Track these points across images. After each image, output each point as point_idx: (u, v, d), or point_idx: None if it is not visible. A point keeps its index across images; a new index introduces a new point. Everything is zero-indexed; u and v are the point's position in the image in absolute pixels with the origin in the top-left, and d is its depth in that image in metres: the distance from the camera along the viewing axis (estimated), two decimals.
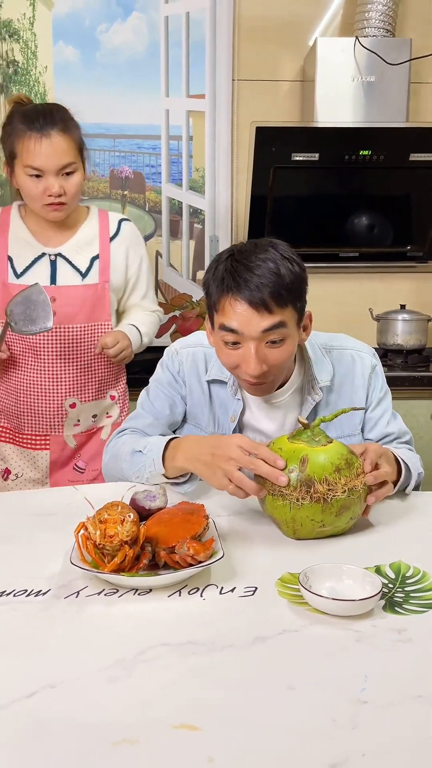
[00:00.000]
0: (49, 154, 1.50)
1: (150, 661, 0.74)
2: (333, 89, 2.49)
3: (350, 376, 1.32)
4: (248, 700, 0.67)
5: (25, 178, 1.53)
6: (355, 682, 0.70)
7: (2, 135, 1.57)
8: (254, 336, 1.12)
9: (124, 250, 1.71)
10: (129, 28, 2.64)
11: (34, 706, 0.66)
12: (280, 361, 1.16)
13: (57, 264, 1.64)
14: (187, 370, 1.34)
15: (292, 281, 1.13)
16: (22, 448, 1.72)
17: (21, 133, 1.50)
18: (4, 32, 2.61)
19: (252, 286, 1.10)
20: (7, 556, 1.00)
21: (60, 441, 1.72)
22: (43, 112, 1.51)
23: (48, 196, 1.53)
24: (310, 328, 1.25)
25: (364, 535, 1.09)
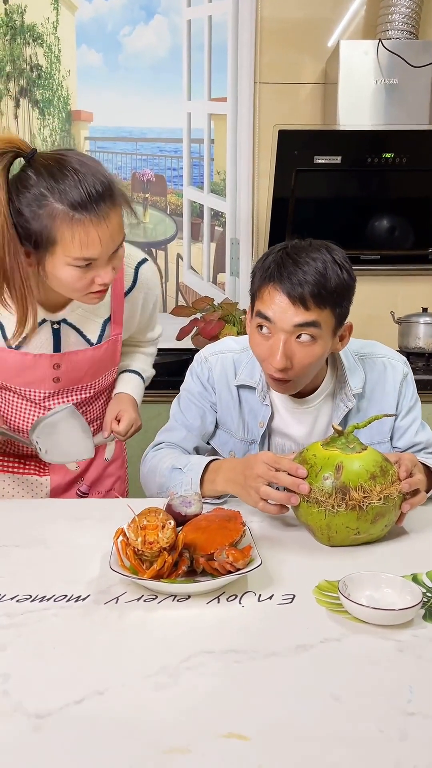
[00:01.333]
0: (107, 242, 1.12)
1: (194, 668, 0.74)
2: (355, 92, 2.49)
3: (382, 384, 1.32)
4: (294, 710, 0.68)
5: (67, 269, 1.13)
6: (400, 693, 0.70)
7: (14, 213, 1.10)
8: (286, 329, 1.14)
9: (140, 303, 1.42)
10: (151, 32, 2.65)
11: (84, 712, 0.67)
12: (305, 362, 1.16)
13: (61, 332, 1.32)
14: (217, 377, 1.35)
15: (337, 286, 1.13)
16: (17, 476, 1.50)
17: (65, 219, 1.08)
18: (28, 36, 2.63)
19: (294, 280, 1.12)
20: (45, 561, 1.02)
21: (61, 467, 1.49)
22: (86, 181, 1.09)
23: (98, 285, 1.17)
24: (347, 340, 1.24)
25: (399, 542, 1.09)
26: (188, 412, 1.37)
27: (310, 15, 2.64)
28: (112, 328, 1.39)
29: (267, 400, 1.31)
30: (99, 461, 1.54)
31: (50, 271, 1.15)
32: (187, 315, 2.50)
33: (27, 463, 1.49)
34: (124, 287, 1.37)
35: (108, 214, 1.11)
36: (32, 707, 0.68)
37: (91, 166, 1.12)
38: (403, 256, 2.75)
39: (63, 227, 1.09)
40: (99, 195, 1.09)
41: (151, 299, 1.45)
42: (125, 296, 1.38)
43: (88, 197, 1.08)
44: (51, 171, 1.09)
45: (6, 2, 2.60)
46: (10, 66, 2.64)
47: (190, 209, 2.76)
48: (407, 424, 1.35)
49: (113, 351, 1.43)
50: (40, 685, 0.71)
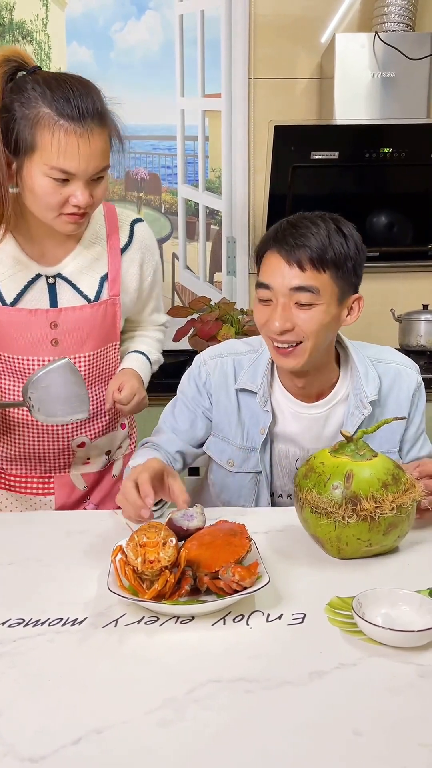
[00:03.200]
0: (87, 158, 1.11)
1: (201, 700, 0.69)
2: (352, 86, 2.43)
3: (396, 391, 1.28)
4: (312, 747, 0.62)
5: (42, 179, 1.13)
6: (424, 725, 0.65)
7: (3, 110, 1.12)
8: (283, 292, 1.13)
9: (138, 262, 1.37)
10: (143, 27, 2.59)
11: (81, 755, 0.61)
12: (309, 327, 1.13)
13: (57, 287, 1.30)
14: (215, 381, 1.30)
15: (338, 254, 1.12)
16: (17, 494, 1.41)
17: (50, 122, 1.09)
18: (18, 34, 2.57)
19: (291, 243, 1.11)
20: (40, 581, 0.96)
21: (66, 482, 1.41)
22: (80, 95, 1.10)
23: (72, 207, 1.16)
24: (356, 314, 1.20)
25: (412, 553, 1.03)
26: (179, 417, 1.33)
27: (305, 8, 2.59)
28: (110, 287, 1.34)
29: (267, 405, 1.25)
30: (107, 479, 1.46)
31: (27, 181, 1.15)
32: (183, 316, 2.44)
33: (30, 480, 1.41)
34: (120, 243, 1.35)
35: (92, 129, 1.11)
36: (25, 750, 0.62)
37: (89, 86, 1.14)
38: (403, 253, 2.70)
39: (45, 131, 1.10)
40: (87, 109, 1.11)
41: (150, 263, 1.40)
42: (122, 253, 1.35)
43: (75, 108, 1.10)
44: (48, 81, 1.12)
45: None
46: None
47: (185, 208, 2.70)
48: (416, 436, 1.31)
49: (113, 317, 1.36)
50: (33, 724, 0.66)
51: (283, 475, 1.29)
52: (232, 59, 2.60)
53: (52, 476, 1.40)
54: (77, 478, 1.42)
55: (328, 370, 1.25)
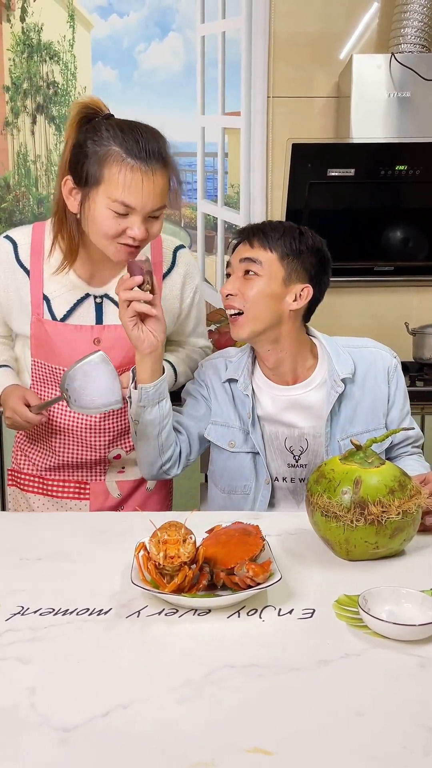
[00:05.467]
0: (148, 195, 1.20)
1: (217, 682, 0.75)
2: (368, 105, 2.50)
3: (373, 372, 1.40)
4: (317, 725, 0.68)
5: (103, 211, 1.21)
6: (422, 709, 0.71)
7: (76, 145, 1.24)
8: (236, 264, 1.35)
9: (179, 284, 1.45)
10: (166, 49, 2.69)
11: (109, 726, 0.68)
12: (249, 293, 1.31)
13: (103, 307, 1.39)
14: (210, 378, 1.45)
15: (287, 241, 1.32)
16: (55, 499, 1.48)
17: (118, 159, 1.19)
18: (45, 54, 2.68)
19: (249, 229, 1.36)
20: (67, 574, 1.03)
21: (102, 489, 1.48)
22: (147, 138, 1.21)
23: (129, 238, 1.23)
24: (302, 302, 1.35)
25: (418, 556, 1.09)
26: (189, 407, 1.46)
27: (323, 29, 2.67)
28: None
29: (248, 390, 1.39)
30: (141, 490, 1.52)
31: (89, 211, 1.24)
32: None
33: (66, 486, 1.48)
34: (163, 269, 1.44)
35: (156, 170, 1.21)
36: (58, 721, 0.69)
37: (156, 133, 1.26)
38: (417, 267, 2.75)
39: (113, 166, 1.20)
40: (153, 152, 1.21)
41: (189, 286, 1.48)
42: (164, 278, 1.44)
43: (143, 149, 1.20)
44: (121, 125, 1.23)
45: (23, 21, 2.65)
46: (27, 83, 2.69)
47: (204, 222, 2.78)
48: (401, 417, 1.42)
49: None
50: (65, 698, 0.73)
51: (276, 456, 1.40)
52: (251, 78, 2.69)
53: (88, 483, 1.47)
54: (112, 486, 1.48)
55: (301, 357, 1.39)
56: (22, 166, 2.71)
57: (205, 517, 1.19)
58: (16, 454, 1.54)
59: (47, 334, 1.38)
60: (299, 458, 1.38)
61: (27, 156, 2.70)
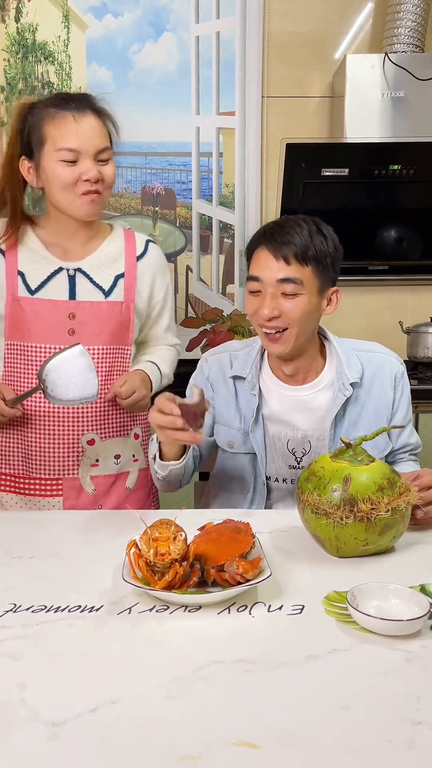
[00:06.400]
0: (86, 134, 1.33)
1: (206, 678, 0.76)
2: (362, 105, 2.51)
3: (380, 376, 1.39)
4: (304, 719, 0.69)
5: (56, 164, 1.34)
6: (408, 703, 0.72)
7: (19, 129, 1.38)
8: (271, 283, 1.27)
9: (150, 275, 1.52)
10: (160, 49, 2.70)
11: (98, 721, 0.69)
12: (293, 313, 1.27)
13: (76, 280, 1.45)
14: (215, 374, 1.43)
15: (318, 251, 1.26)
16: (27, 497, 1.46)
17: (50, 114, 1.34)
18: (40, 54, 2.68)
19: (279, 240, 1.26)
20: (59, 572, 1.04)
21: (75, 485, 1.46)
22: (73, 95, 1.38)
23: (84, 182, 1.34)
24: (334, 305, 1.34)
25: (407, 553, 1.10)
26: None
27: (317, 29, 2.68)
28: (126, 289, 1.49)
29: (255, 389, 1.38)
30: (119, 489, 1.51)
31: (45, 172, 1.37)
32: (196, 326, 2.52)
33: (38, 481, 1.47)
34: (137, 251, 1.52)
35: (86, 112, 1.35)
36: (48, 715, 0.70)
37: (83, 93, 1.40)
38: (411, 267, 2.77)
39: (49, 123, 1.35)
40: (79, 100, 1.36)
41: (161, 283, 1.55)
42: (137, 259, 1.51)
43: (69, 99, 1.36)
44: (51, 96, 1.40)
45: (18, 21, 2.66)
46: (22, 83, 2.69)
47: (199, 222, 2.79)
48: (404, 422, 1.41)
49: (127, 319, 1.49)
50: (55, 694, 0.73)
51: (277, 457, 1.39)
52: (246, 79, 2.70)
53: (61, 478, 1.46)
54: (86, 481, 1.47)
55: (312, 357, 1.37)
56: None
57: (196, 515, 1.19)
58: None
59: (22, 310, 1.43)
60: (301, 460, 1.37)
61: None
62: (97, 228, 1.50)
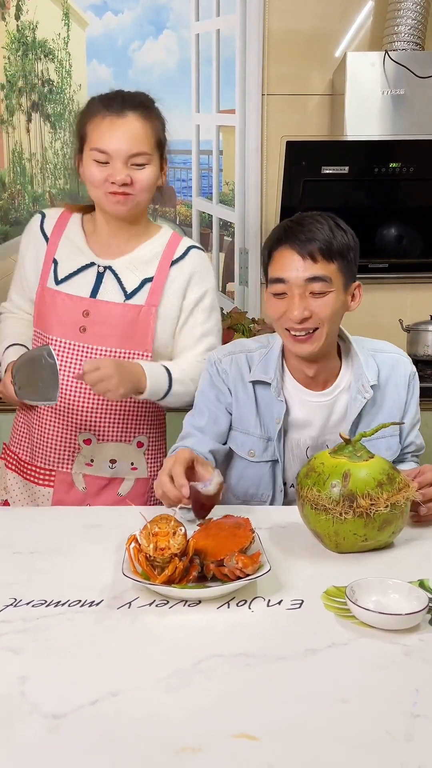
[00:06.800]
0: (119, 137, 1.30)
1: (205, 671, 0.76)
2: (362, 103, 2.51)
3: (394, 377, 1.38)
4: (303, 712, 0.70)
5: (90, 163, 1.34)
6: (406, 696, 0.72)
7: (78, 121, 1.40)
8: (299, 284, 1.22)
9: (186, 277, 1.44)
10: (161, 46, 2.70)
11: (98, 713, 0.69)
12: (324, 312, 1.23)
13: (104, 277, 1.42)
14: (233, 377, 1.36)
15: (342, 245, 1.23)
16: (25, 481, 1.51)
17: (95, 114, 1.33)
18: (40, 52, 2.68)
19: (302, 237, 1.22)
20: (60, 568, 1.04)
21: (66, 479, 1.46)
22: (124, 94, 1.36)
23: (111, 184, 1.33)
24: (358, 300, 1.31)
25: (406, 549, 1.10)
26: (202, 416, 1.37)
27: (317, 27, 2.68)
28: (151, 293, 1.43)
29: (282, 396, 1.33)
30: (111, 493, 1.49)
31: (84, 167, 1.38)
32: None
33: (35, 470, 1.50)
34: (174, 256, 1.46)
35: (127, 114, 1.32)
36: (48, 708, 0.70)
37: (138, 92, 1.39)
38: (412, 264, 2.77)
39: (91, 122, 1.35)
40: (125, 99, 1.34)
41: (198, 285, 1.45)
42: (171, 264, 1.45)
43: (115, 99, 1.34)
44: (105, 93, 1.38)
45: (18, 18, 2.66)
46: (22, 81, 2.69)
47: (199, 220, 2.79)
48: (412, 423, 1.41)
49: (145, 324, 1.41)
50: (56, 687, 0.74)
51: (294, 463, 1.36)
52: (246, 76, 2.69)
53: (55, 470, 1.47)
54: (78, 477, 1.47)
55: (332, 359, 1.34)
56: (17, 164, 2.72)
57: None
58: (12, 431, 1.59)
59: (45, 302, 1.44)
60: None
61: (22, 154, 2.70)
62: (142, 228, 1.46)
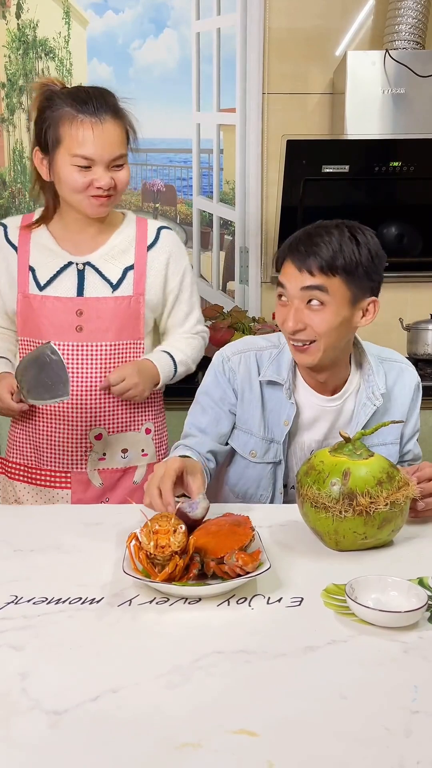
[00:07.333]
0: (102, 144, 1.32)
1: (205, 668, 0.77)
2: (363, 101, 2.51)
3: (400, 385, 1.38)
4: (302, 708, 0.70)
5: (68, 168, 1.33)
6: (405, 692, 0.72)
7: (38, 118, 1.37)
8: (295, 294, 1.22)
9: (164, 260, 1.49)
10: (161, 45, 2.70)
11: (98, 709, 0.70)
12: (320, 328, 1.21)
13: (85, 274, 1.45)
14: (241, 377, 1.35)
15: (348, 260, 1.19)
16: (38, 487, 1.50)
17: (70, 117, 1.31)
18: (40, 51, 2.68)
19: (303, 251, 1.21)
20: (60, 565, 1.04)
21: (83, 479, 1.49)
22: (94, 95, 1.33)
23: (96, 189, 1.34)
24: (371, 316, 1.27)
25: (406, 547, 1.11)
26: (204, 416, 1.37)
27: (318, 26, 2.68)
28: (135, 282, 1.47)
29: (293, 398, 1.32)
30: (127, 483, 1.52)
31: (58, 172, 1.36)
32: None
33: (49, 474, 1.50)
34: (147, 242, 1.50)
35: (105, 120, 1.33)
36: (49, 704, 0.70)
37: (103, 90, 1.37)
38: (412, 264, 2.77)
39: (67, 124, 1.33)
40: (100, 104, 1.33)
41: (176, 266, 1.51)
42: (148, 249, 1.49)
43: (90, 103, 1.32)
44: (71, 90, 1.37)
45: (19, 17, 2.66)
46: (23, 80, 2.69)
47: (199, 218, 2.80)
48: (413, 431, 1.40)
49: (136, 313, 1.47)
50: (56, 683, 0.74)
51: (297, 466, 1.36)
52: (246, 75, 2.70)
53: (70, 471, 1.49)
54: (93, 475, 1.50)
55: (344, 366, 1.34)
56: (17, 163, 2.72)
57: None
58: (8, 443, 1.57)
59: (32, 308, 1.44)
60: None
61: (23, 153, 2.71)
62: (108, 219, 1.48)
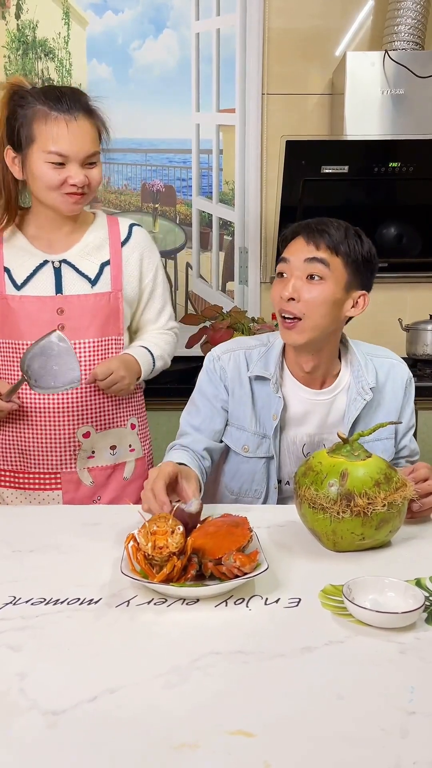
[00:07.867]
0: (76, 140, 1.32)
1: (203, 668, 0.77)
2: (362, 102, 2.51)
3: (391, 381, 1.39)
4: (299, 708, 0.70)
5: (42, 165, 1.33)
6: (402, 693, 0.73)
7: (9, 117, 1.36)
8: (298, 265, 1.26)
9: (137, 256, 1.51)
10: (161, 45, 2.70)
11: (97, 709, 0.70)
12: (312, 301, 1.25)
13: (62, 271, 1.45)
14: (231, 374, 1.38)
15: (351, 248, 1.26)
16: (26, 491, 1.48)
17: (43, 114, 1.32)
18: (40, 51, 2.69)
19: (314, 229, 1.27)
20: (58, 566, 1.05)
21: (73, 478, 1.48)
22: (67, 93, 1.34)
23: (71, 185, 1.35)
24: (361, 308, 1.32)
25: (404, 548, 1.11)
26: (198, 414, 1.39)
27: (317, 26, 2.68)
28: (113, 278, 1.49)
29: (280, 392, 1.34)
30: (117, 480, 1.53)
31: (31, 170, 1.36)
32: (196, 323, 2.53)
33: (38, 477, 1.49)
34: (120, 237, 1.52)
35: (78, 117, 1.33)
36: (47, 705, 0.71)
37: (75, 89, 1.38)
38: (411, 264, 2.77)
39: (40, 122, 1.33)
40: (72, 100, 1.34)
41: (150, 262, 1.54)
42: (122, 245, 1.51)
43: (63, 101, 1.33)
44: (43, 89, 1.37)
45: (18, 18, 2.66)
46: None
47: (199, 219, 2.80)
48: (407, 427, 1.42)
49: (116, 310, 1.49)
50: (54, 683, 0.74)
51: (290, 461, 1.38)
52: (246, 75, 2.70)
53: (59, 472, 1.48)
54: (83, 473, 1.49)
55: (332, 359, 1.36)
56: None
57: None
58: None
59: (10, 309, 1.43)
60: None
61: None
62: (81, 217, 1.49)
